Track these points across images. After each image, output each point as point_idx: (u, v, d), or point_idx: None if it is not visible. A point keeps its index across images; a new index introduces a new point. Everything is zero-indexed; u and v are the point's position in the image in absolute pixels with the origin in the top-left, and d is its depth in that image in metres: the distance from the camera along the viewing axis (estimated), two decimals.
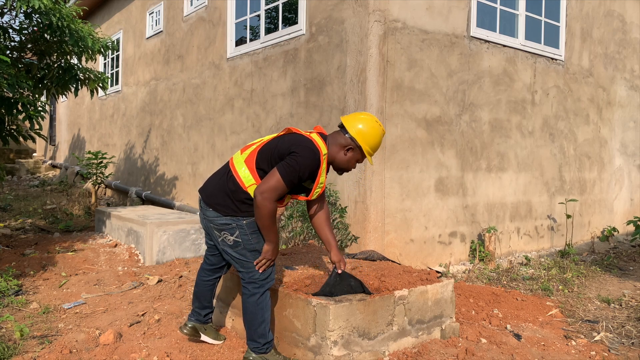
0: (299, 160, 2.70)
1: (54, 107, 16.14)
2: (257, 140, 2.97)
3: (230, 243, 2.86)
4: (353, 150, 2.89)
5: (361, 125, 2.87)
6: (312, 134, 2.88)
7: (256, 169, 2.82)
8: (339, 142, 2.89)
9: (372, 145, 2.90)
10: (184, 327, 3.25)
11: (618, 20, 7.40)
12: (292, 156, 2.71)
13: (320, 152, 2.76)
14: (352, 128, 2.87)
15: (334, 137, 2.91)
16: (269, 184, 2.68)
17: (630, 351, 3.41)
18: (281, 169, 2.70)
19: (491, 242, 5.55)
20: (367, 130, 2.87)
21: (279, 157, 2.77)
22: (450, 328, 3.40)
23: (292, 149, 2.73)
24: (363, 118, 2.90)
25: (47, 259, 5.39)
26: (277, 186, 2.68)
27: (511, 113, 6.03)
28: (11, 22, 5.67)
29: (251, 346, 2.91)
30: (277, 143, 2.82)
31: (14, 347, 3.17)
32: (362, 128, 2.87)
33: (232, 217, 2.83)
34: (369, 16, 4.82)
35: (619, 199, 7.58)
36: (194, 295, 3.25)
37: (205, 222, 2.96)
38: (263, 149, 2.85)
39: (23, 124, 6.04)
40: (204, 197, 2.93)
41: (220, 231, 2.86)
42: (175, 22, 8.53)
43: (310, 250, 4.19)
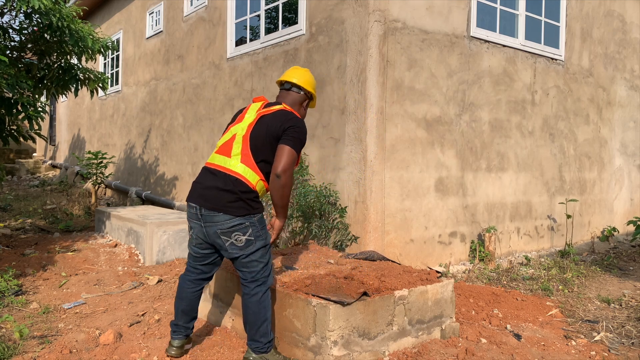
0: (302, 131, 2.86)
1: (54, 107, 16.14)
2: (228, 135, 2.93)
3: (241, 244, 2.81)
4: (307, 103, 3.14)
5: (306, 77, 3.09)
6: (283, 105, 2.99)
7: (256, 163, 2.84)
8: (298, 101, 3.07)
9: (312, 84, 3.13)
10: (172, 349, 3.03)
11: (618, 20, 7.40)
12: (293, 130, 2.83)
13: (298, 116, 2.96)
14: (307, 85, 3.07)
15: (290, 99, 3.06)
16: (287, 161, 2.77)
17: (630, 351, 3.41)
18: (291, 144, 2.79)
19: (491, 242, 5.55)
20: (311, 80, 3.11)
21: (275, 137, 2.83)
22: (450, 328, 3.40)
23: (287, 125, 2.84)
24: (303, 72, 3.11)
25: (47, 259, 5.39)
26: (293, 160, 2.80)
27: (511, 113, 6.03)
28: (11, 22, 5.67)
29: (252, 346, 2.89)
30: (264, 128, 2.86)
31: (14, 347, 3.17)
32: (309, 79, 3.10)
33: (244, 217, 2.80)
34: (369, 16, 4.82)
35: (619, 199, 7.58)
36: (181, 312, 3.03)
37: (207, 230, 2.84)
38: (252, 142, 2.85)
39: (23, 124, 6.03)
40: (210, 205, 2.80)
41: (231, 234, 2.79)
42: (175, 22, 8.53)
43: (310, 250, 4.19)
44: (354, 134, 4.96)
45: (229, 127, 3.00)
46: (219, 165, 2.87)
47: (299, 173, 5.37)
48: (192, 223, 2.90)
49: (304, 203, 4.95)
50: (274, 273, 3.39)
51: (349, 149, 5.02)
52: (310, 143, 5.49)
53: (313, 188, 5.14)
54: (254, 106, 3.02)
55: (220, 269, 3.62)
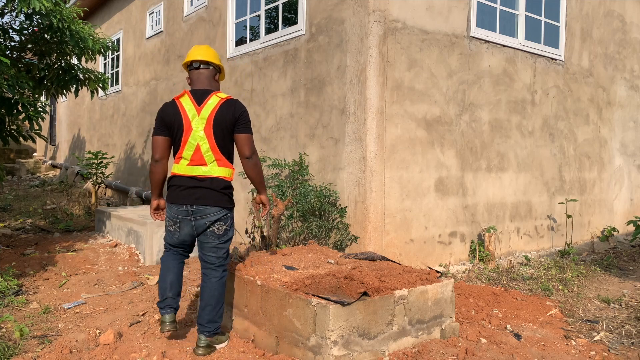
0: (247, 114, 3.24)
1: (54, 107, 16.15)
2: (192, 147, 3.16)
3: (220, 233, 3.23)
4: (218, 76, 3.37)
5: (209, 52, 3.30)
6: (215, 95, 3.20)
7: (227, 159, 3.21)
8: (210, 76, 3.30)
9: (217, 58, 3.36)
10: (168, 325, 3.20)
11: (618, 20, 7.40)
12: (245, 115, 3.21)
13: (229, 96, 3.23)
14: (212, 58, 3.29)
15: (204, 77, 3.27)
16: (251, 144, 3.20)
17: (630, 351, 3.41)
18: (249, 129, 3.21)
19: (491, 242, 5.56)
20: (214, 53, 3.34)
21: (232, 125, 3.16)
22: (450, 328, 3.40)
23: (237, 114, 3.16)
24: (205, 48, 3.32)
25: (47, 258, 5.39)
26: (252, 141, 3.23)
27: (511, 113, 6.04)
28: (11, 23, 5.67)
29: (212, 327, 3.19)
30: (220, 130, 3.15)
31: (14, 347, 3.17)
32: (212, 53, 3.32)
33: (228, 209, 3.25)
34: (369, 16, 4.82)
35: (619, 199, 7.59)
36: (170, 284, 3.26)
37: (196, 223, 3.21)
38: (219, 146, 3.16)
39: (23, 124, 6.04)
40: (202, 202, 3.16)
41: (215, 223, 3.20)
42: (175, 22, 8.53)
43: (310, 250, 4.19)
44: (354, 134, 4.96)
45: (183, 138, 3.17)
46: (201, 175, 3.17)
47: (299, 173, 5.38)
48: (181, 219, 3.23)
49: (304, 203, 4.96)
50: (274, 273, 3.42)
51: (349, 149, 5.02)
52: (311, 143, 5.50)
53: (313, 188, 5.15)
54: (188, 106, 3.18)
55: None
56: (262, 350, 3.16)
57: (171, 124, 3.19)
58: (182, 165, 3.19)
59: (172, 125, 3.19)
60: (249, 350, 3.20)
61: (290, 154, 5.76)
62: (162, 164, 3.27)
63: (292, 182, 5.39)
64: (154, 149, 3.25)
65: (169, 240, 3.35)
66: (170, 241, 3.35)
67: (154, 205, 3.43)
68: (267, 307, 3.18)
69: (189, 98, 3.19)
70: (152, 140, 3.27)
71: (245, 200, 6.45)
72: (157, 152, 3.24)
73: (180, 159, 3.20)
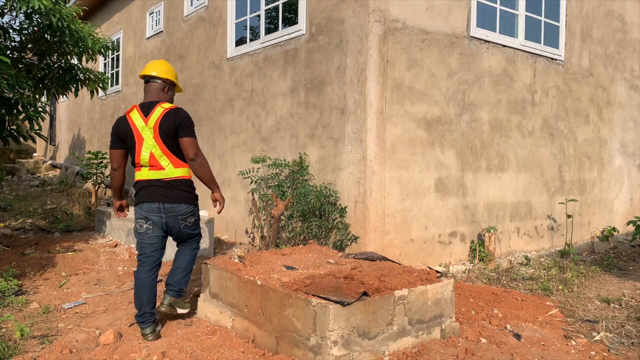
0: (189, 119, 3.52)
1: (54, 107, 16.15)
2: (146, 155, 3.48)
3: (190, 224, 3.65)
4: (170, 89, 3.68)
5: (161, 67, 3.61)
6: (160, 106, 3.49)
7: (177, 157, 3.51)
8: (159, 88, 3.61)
9: (175, 75, 3.70)
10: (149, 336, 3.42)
11: (618, 20, 7.40)
12: (186, 121, 3.47)
13: (172, 105, 3.54)
14: (161, 74, 3.60)
15: (153, 89, 3.59)
16: (194, 147, 3.49)
17: (630, 351, 3.41)
18: (191, 133, 3.49)
19: (491, 242, 5.55)
20: (165, 68, 3.63)
21: (175, 130, 3.45)
22: (450, 328, 3.40)
23: (178, 121, 3.45)
24: (159, 64, 3.64)
25: (47, 259, 5.39)
26: (196, 144, 3.52)
27: (511, 113, 6.04)
28: (11, 23, 5.68)
29: (177, 288, 3.66)
30: (165, 135, 3.45)
31: (14, 347, 3.17)
32: (164, 69, 3.62)
33: (193, 204, 3.64)
34: (369, 16, 4.82)
35: (618, 199, 7.59)
36: (147, 300, 3.48)
37: (167, 219, 3.54)
38: (169, 150, 3.48)
39: (23, 124, 6.04)
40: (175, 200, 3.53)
41: (186, 218, 3.59)
42: (175, 22, 8.54)
43: (310, 250, 4.19)
44: (354, 134, 4.96)
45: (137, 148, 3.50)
46: (164, 177, 3.51)
47: (299, 173, 5.38)
48: (152, 217, 3.52)
49: (304, 203, 4.96)
50: (274, 273, 3.43)
51: (349, 149, 5.02)
52: (311, 143, 5.50)
53: (313, 188, 5.15)
54: (137, 119, 3.51)
55: (220, 269, 3.63)
56: (262, 350, 3.16)
57: (124, 136, 3.52)
58: (144, 171, 3.53)
59: (125, 137, 3.52)
60: (249, 350, 3.20)
61: (290, 154, 5.76)
62: (119, 172, 3.63)
63: (292, 182, 5.39)
64: (112, 160, 3.61)
65: (140, 249, 3.59)
66: (141, 250, 3.59)
67: (116, 205, 3.81)
68: (267, 307, 3.18)
69: (137, 111, 3.52)
70: (110, 153, 3.63)
71: (245, 200, 6.45)
72: (115, 162, 3.60)
73: (140, 166, 3.53)
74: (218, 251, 6.12)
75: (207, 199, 7.34)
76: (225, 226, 6.87)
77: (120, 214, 3.86)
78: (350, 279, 3.28)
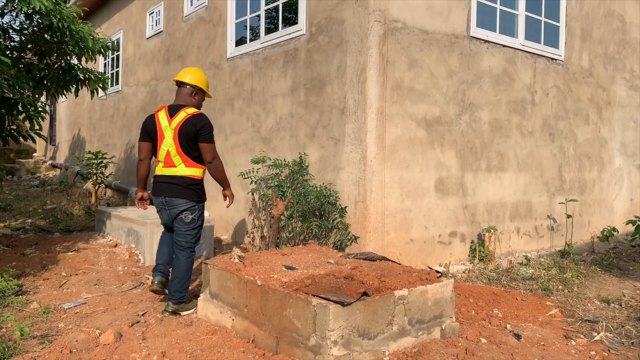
0: (210, 126, 3.87)
1: (54, 107, 16.15)
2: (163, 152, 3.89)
3: (188, 220, 3.91)
4: (198, 94, 4.03)
5: (192, 74, 3.99)
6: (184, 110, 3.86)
7: (194, 160, 3.88)
8: (187, 93, 3.98)
9: (204, 82, 4.05)
10: (155, 285, 3.94)
11: (618, 20, 7.40)
12: (205, 127, 3.82)
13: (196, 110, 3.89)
14: (191, 80, 3.97)
15: (182, 94, 3.98)
16: (211, 151, 3.87)
17: (630, 351, 3.41)
18: (209, 139, 3.84)
19: (491, 242, 5.55)
20: (195, 75, 4.01)
21: (195, 138, 3.81)
22: (450, 328, 3.40)
23: (198, 127, 3.80)
24: (189, 72, 4.02)
25: (47, 258, 5.39)
26: (213, 149, 3.90)
27: (511, 113, 6.04)
28: (11, 23, 5.67)
29: (177, 296, 3.85)
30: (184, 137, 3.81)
31: (14, 347, 3.17)
32: (194, 75, 4.00)
33: (196, 202, 3.92)
34: (369, 16, 4.82)
35: (618, 199, 7.59)
36: (161, 254, 4.08)
37: (169, 212, 3.95)
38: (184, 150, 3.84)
39: (23, 124, 6.05)
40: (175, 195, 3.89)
41: (183, 212, 3.89)
42: (175, 22, 8.53)
43: (310, 250, 4.19)
44: (354, 134, 4.96)
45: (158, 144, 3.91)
46: (172, 174, 3.89)
47: (299, 173, 5.38)
48: (160, 209, 4.01)
49: (304, 203, 4.96)
50: (274, 273, 3.42)
51: (349, 149, 5.02)
52: (311, 143, 5.50)
53: (313, 188, 5.15)
54: (162, 119, 3.90)
55: (220, 269, 3.63)
56: (262, 350, 3.16)
57: (150, 132, 3.95)
58: (159, 167, 3.94)
59: (151, 133, 3.95)
60: (249, 350, 3.20)
61: (290, 154, 5.76)
62: (145, 163, 4.05)
63: (292, 182, 5.39)
64: (139, 151, 4.04)
65: (161, 222, 4.19)
66: (161, 222, 4.20)
67: (138, 196, 4.19)
68: (267, 307, 3.18)
69: (164, 112, 3.91)
70: (138, 144, 4.04)
71: (245, 200, 6.45)
72: (142, 154, 4.03)
73: (158, 162, 3.95)
74: (218, 251, 6.12)
75: (208, 199, 7.34)
76: (225, 226, 6.87)
77: (141, 204, 4.20)
78: (350, 279, 3.28)
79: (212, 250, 5.91)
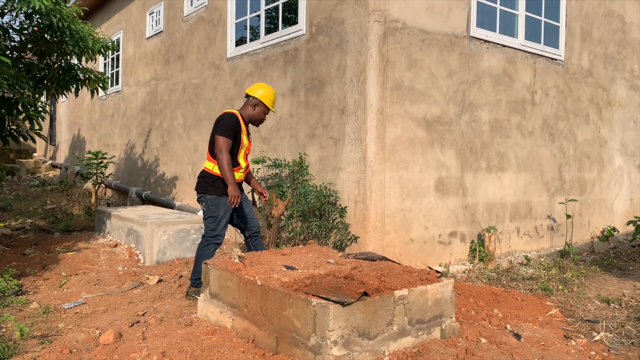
0: (224, 121, 4.10)
1: (54, 107, 16.15)
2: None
3: (203, 210, 4.24)
4: (258, 105, 4.29)
5: (260, 90, 4.29)
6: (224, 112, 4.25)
7: (210, 152, 4.21)
8: (248, 104, 4.30)
9: (270, 99, 4.31)
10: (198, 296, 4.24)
11: (618, 20, 7.40)
12: (222, 121, 4.12)
13: (236, 114, 4.19)
14: (254, 93, 4.29)
15: (244, 104, 4.33)
16: (219, 144, 4.06)
17: (630, 351, 3.41)
18: (220, 132, 4.07)
19: (491, 242, 5.55)
20: (264, 91, 4.30)
21: (214, 130, 4.13)
22: (450, 328, 3.40)
23: (218, 119, 4.15)
24: (259, 86, 4.34)
25: (47, 258, 5.39)
26: (223, 142, 4.05)
27: (511, 113, 6.04)
28: (11, 23, 5.67)
29: (191, 279, 4.27)
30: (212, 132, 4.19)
31: (14, 347, 3.17)
32: (255, 88, 4.30)
33: (201, 194, 4.20)
34: (369, 16, 4.82)
35: (618, 199, 7.59)
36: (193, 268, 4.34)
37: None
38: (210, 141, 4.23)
39: (23, 124, 6.04)
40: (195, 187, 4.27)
41: (201, 203, 4.24)
42: (175, 22, 8.54)
43: (310, 250, 4.19)
44: (354, 134, 4.96)
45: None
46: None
47: (299, 173, 5.37)
48: None
49: (304, 203, 4.96)
50: (274, 273, 3.42)
51: (349, 149, 5.02)
52: (311, 143, 5.50)
53: (313, 188, 5.14)
54: None
55: (220, 269, 3.63)
56: (262, 350, 3.16)
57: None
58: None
59: None
60: (249, 350, 3.20)
61: (290, 154, 5.76)
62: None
63: (292, 182, 5.39)
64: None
65: None
66: None
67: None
68: (267, 307, 3.18)
69: None
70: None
71: None
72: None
73: None
74: (218, 251, 6.12)
75: None
76: None
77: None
78: (350, 279, 3.28)
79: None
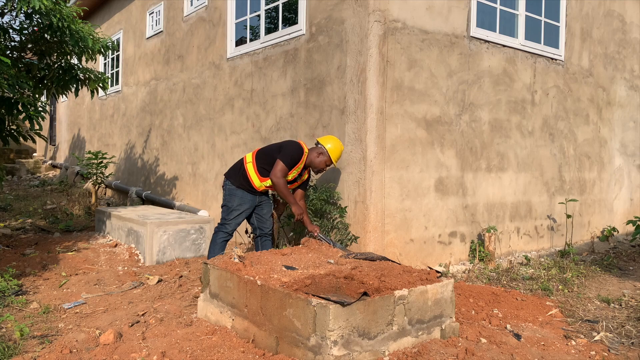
0: (289, 150, 4.42)
1: (54, 107, 16.15)
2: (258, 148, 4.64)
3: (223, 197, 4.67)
4: (323, 155, 4.55)
5: (330, 143, 4.58)
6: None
7: (259, 167, 4.52)
8: (315, 150, 4.58)
9: (336, 155, 4.60)
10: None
11: (618, 20, 7.40)
12: (284, 148, 4.44)
13: (303, 149, 4.50)
14: (324, 143, 4.59)
15: (313, 148, 4.61)
16: (276, 168, 4.35)
17: (630, 351, 3.41)
18: (280, 157, 4.37)
19: (491, 242, 5.56)
20: (333, 145, 4.59)
21: (277, 152, 4.42)
22: (450, 328, 3.40)
23: (283, 145, 4.50)
24: (331, 138, 4.65)
25: (47, 258, 5.39)
26: (280, 168, 4.36)
27: (511, 113, 6.04)
28: (11, 22, 5.67)
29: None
30: (274, 147, 4.55)
31: (14, 347, 3.17)
32: (331, 145, 4.57)
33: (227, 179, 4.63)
34: (369, 16, 4.82)
35: (618, 199, 7.59)
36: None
37: None
38: (259, 153, 4.56)
39: (23, 124, 6.04)
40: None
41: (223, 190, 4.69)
42: (175, 22, 8.53)
43: (310, 250, 4.19)
44: (354, 134, 4.96)
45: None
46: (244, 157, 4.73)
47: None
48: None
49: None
50: (274, 273, 3.42)
51: (349, 149, 5.02)
52: (311, 143, 5.49)
53: (313, 188, 5.14)
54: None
55: (220, 269, 3.63)
56: (262, 350, 3.16)
57: None
58: None
59: None
60: (249, 350, 3.20)
61: None
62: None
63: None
64: None
65: None
66: None
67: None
68: (267, 307, 3.18)
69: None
70: None
71: None
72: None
73: None
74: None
75: (208, 199, 7.35)
76: None
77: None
78: (350, 279, 3.28)
79: None
